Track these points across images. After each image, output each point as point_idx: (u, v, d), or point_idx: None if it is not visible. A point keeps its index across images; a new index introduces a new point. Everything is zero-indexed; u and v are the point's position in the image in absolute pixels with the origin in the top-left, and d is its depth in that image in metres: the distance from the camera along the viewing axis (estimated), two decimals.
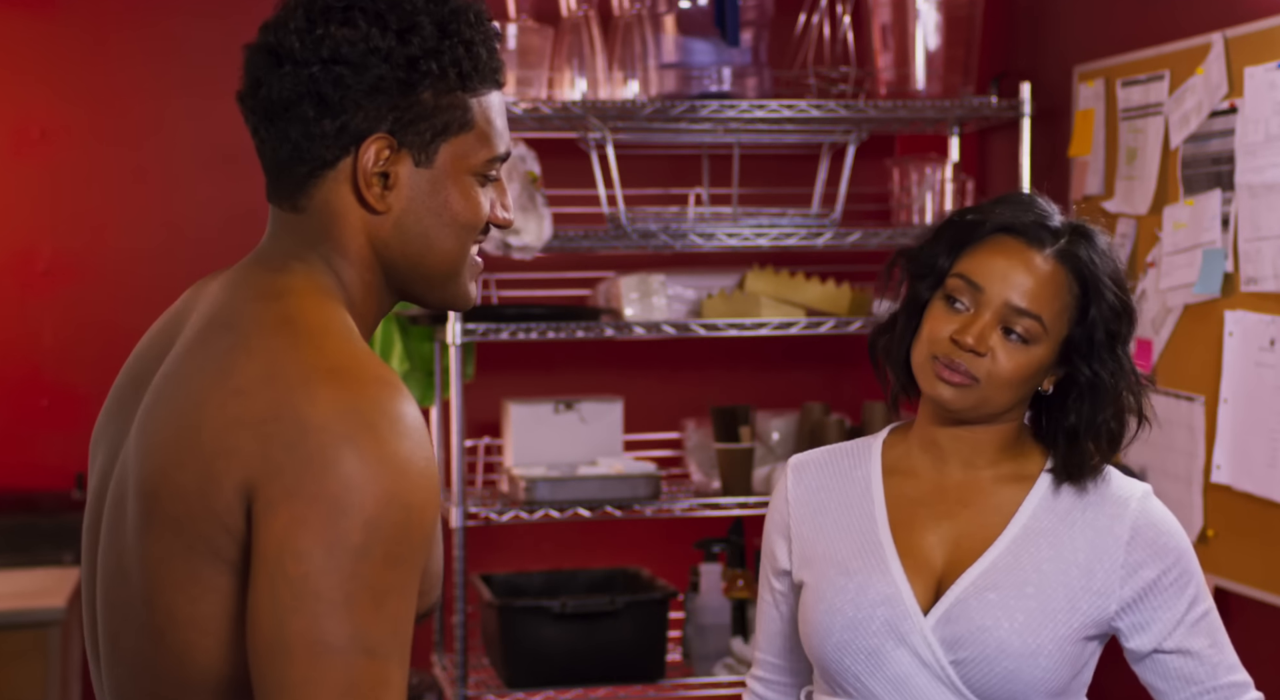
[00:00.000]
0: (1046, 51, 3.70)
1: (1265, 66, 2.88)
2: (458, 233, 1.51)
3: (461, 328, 3.40)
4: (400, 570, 1.33)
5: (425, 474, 1.36)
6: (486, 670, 3.62)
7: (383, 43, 1.44)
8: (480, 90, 1.50)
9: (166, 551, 1.40)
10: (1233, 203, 2.97)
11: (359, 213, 1.48)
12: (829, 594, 1.95)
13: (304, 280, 1.47)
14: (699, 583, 3.64)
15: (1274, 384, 2.85)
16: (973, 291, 1.91)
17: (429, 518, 1.37)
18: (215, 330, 1.46)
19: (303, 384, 1.36)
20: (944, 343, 1.91)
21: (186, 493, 1.38)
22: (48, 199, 3.84)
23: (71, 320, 3.83)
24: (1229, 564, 3.01)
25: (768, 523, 2.08)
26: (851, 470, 2.03)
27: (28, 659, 3.41)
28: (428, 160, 1.48)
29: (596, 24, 3.63)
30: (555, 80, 3.63)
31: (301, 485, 1.32)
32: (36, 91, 3.83)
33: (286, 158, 1.48)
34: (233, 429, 1.37)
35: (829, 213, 3.68)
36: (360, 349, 1.42)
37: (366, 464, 1.33)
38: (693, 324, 3.54)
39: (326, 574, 1.30)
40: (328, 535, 1.31)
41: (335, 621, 1.30)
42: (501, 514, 3.45)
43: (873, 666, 1.91)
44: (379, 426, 1.34)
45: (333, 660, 1.30)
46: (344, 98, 1.45)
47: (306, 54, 1.45)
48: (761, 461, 3.73)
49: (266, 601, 1.31)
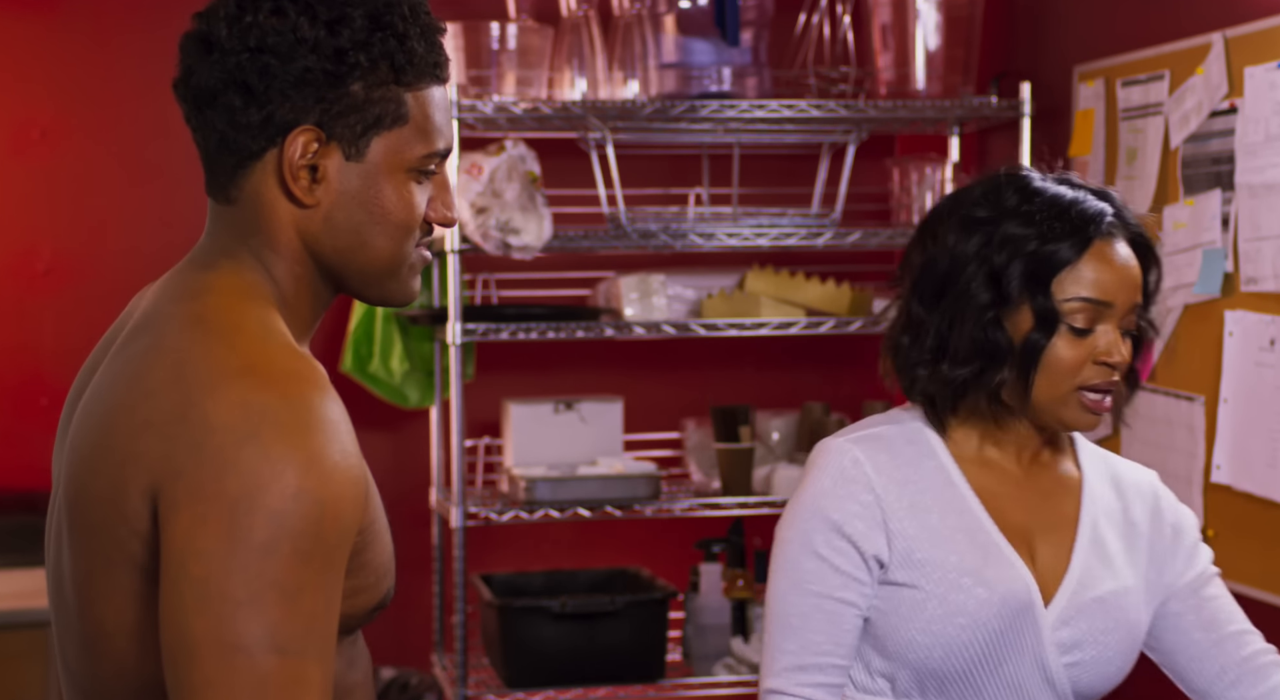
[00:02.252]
0: (1046, 51, 3.71)
1: (1265, 66, 2.88)
2: (390, 231, 1.48)
3: (461, 328, 3.40)
4: (314, 566, 1.30)
5: (339, 468, 1.33)
6: (486, 670, 3.62)
7: (310, 33, 1.42)
8: (417, 84, 1.47)
9: (89, 562, 1.39)
10: (1233, 203, 2.97)
11: (287, 206, 1.46)
12: (970, 608, 1.83)
13: (227, 278, 1.45)
14: (699, 583, 3.64)
15: (1274, 384, 2.85)
16: (1098, 309, 1.83)
17: (345, 511, 1.33)
18: (136, 333, 1.45)
19: (209, 383, 1.34)
20: (1092, 369, 1.82)
21: (100, 500, 1.37)
22: (48, 199, 3.84)
23: (71, 320, 3.83)
24: (1229, 564, 3.01)
25: (838, 510, 1.85)
26: (920, 460, 1.89)
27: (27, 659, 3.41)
28: (358, 154, 1.45)
29: (596, 24, 3.63)
30: (555, 80, 3.63)
31: (203, 485, 1.30)
32: (36, 91, 3.83)
33: (215, 148, 1.46)
34: (141, 432, 1.35)
35: (829, 213, 3.68)
36: (275, 345, 1.39)
37: (270, 461, 1.30)
38: (693, 324, 3.54)
39: (230, 573, 1.28)
40: (230, 534, 1.28)
41: (242, 621, 1.27)
42: (501, 514, 3.45)
43: (991, 669, 1.84)
44: (285, 422, 1.32)
45: (240, 660, 1.27)
46: (269, 88, 1.42)
47: (233, 42, 1.43)
48: (761, 461, 3.73)
49: (173, 603, 1.29)
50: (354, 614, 1.43)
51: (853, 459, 1.86)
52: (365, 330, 3.79)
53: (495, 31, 3.53)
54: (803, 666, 1.85)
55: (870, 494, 1.85)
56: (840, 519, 1.85)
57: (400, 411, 3.93)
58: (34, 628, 3.40)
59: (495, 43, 3.52)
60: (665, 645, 3.54)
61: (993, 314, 1.83)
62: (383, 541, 1.46)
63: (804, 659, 1.85)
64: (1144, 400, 3.21)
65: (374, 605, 1.46)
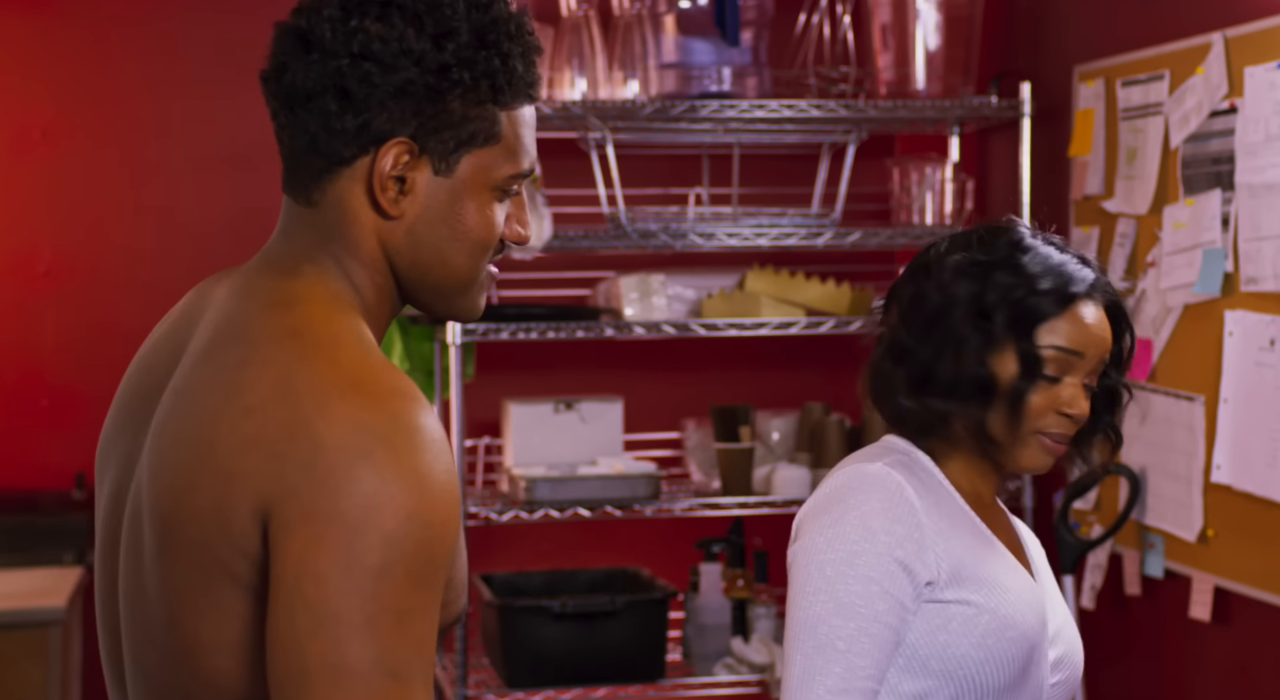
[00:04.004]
0: (1046, 51, 3.70)
1: (1265, 66, 2.88)
2: (470, 248, 1.46)
3: (461, 328, 3.41)
4: (424, 589, 1.30)
5: (446, 488, 1.32)
6: (486, 670, 3.62)
7: (416, 44, 1.39)
8: (513, 104, 1.45)
9: (185, 576, 1.37)
10: (1233, 203, 2.96)
11: (371, 215, 1.44)
12: (1017, 620, 1.90)
13: (315, 286, 1.43)
14: (699, 583, 3.64)
15: (1274, 384, 2.85)
16: (1069, 359, 1.93)
17: (451, 532, 1.32)
18: (224, 342, 1.41)
19: (316, 401, 1.32)
20: (1053, 418, 1.93)
21: (202, 516, 1.34)
22: (48, 199, 3.84)
23: (71, 320, 3.83)
24: (1229, 564, 3.01)
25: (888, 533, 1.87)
26: (936, 486, 1.96)
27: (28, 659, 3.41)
28: (448, 170, 1.43)
29: (596, 24, 3.63)
30: (555, 80, 3.63)
31: (317, 506, 1.28)
32: (36, 91, 3.83)
33: (303, 149, 1.43)
34: (246, 449, 1.32)
35: (829, 213, 3.68)
36: (375, 360, 1.38)
37: (384, 481, 1.28)
38: (693, 324, 3.54)
39: (346, 596, 1.26)
40: (345, 556, 1.27)
41: (357, 644, 1.26)
42: (501, 514, 3.45)
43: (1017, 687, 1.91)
44: (396, 442, 1.30)
45: (354, 684, 1.26)
46: (369, 96, 1.40)
47: (336, 45, 1.40)
48: (761, 461, 3.73)
49: (285, 626, 1.27)
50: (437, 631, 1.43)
51: (897, 484, 1.90)
52: None
53: None
54: (845, 690, 1.84)
55: (915, 517, 1.88)
56: (891, 542, 1.87)
57: None
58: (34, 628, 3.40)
59: None
60: (665, 645, 3.54)
61: (980, 355, 1.93)
62: (463, 556, 1.45)
63: (849, 683, 1.84)
64: (1144, 400, 3.21)
65: (452, 620, 1.45)
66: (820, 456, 3.59)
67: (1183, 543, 3.11)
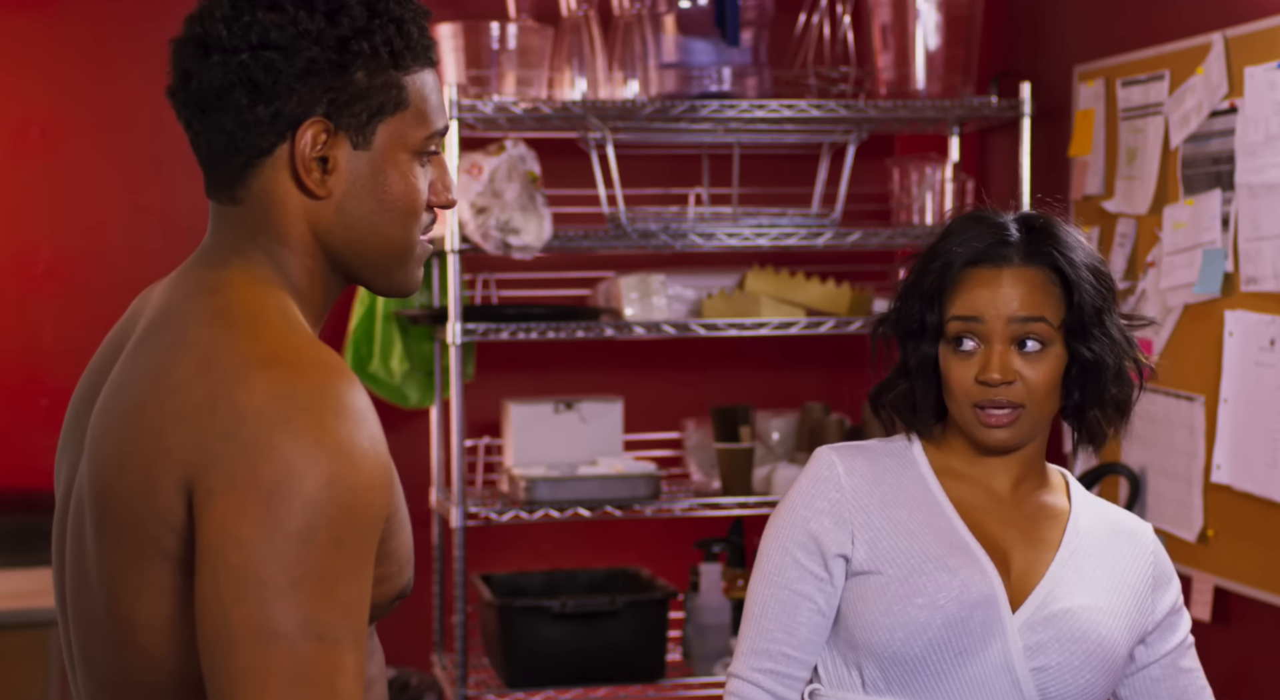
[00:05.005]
0: (1046, 51, 3.71)
1: (1265, 66, 2.88)
2: (400, 217, 1.49)
3: (461, 328, 3.41)
4: (349, 553, 1.32)
5: (369, 455, 1.34)
6: (486, 670, 3.62)
7: (311, 25, 1.43)
8: (413, 68, 1.49)
9: (120, 556, 1.40)
10: (1233, 203, 2.97)
11: (299, 199, 1.47)
12: (929, 589, 1.90)
13: (241, 273, 1.46)
14: (699, 583, 3.64)
15: (1274, 384, 2.85)
16: (973, 325, 1.92)
17: (376, 499, 1.34)
18: (154, 331, 1.45)
19: (238, 373, 1.35)
20: (975, 388, 1.92)
21: (131, 495, 1.38)
22: (48, 199, 3.84)
23: (71, 320, 3.83)
24: (1229, 564, 3.01)
25: (807, 507, 1.96)
26: (901, 470, 1.99)
27: (28, 659, 3.41)
28: (365, 142, 1.47)
29: (596, 24, 3.63)
30: (555, 80, 3.63)
31: (238, 473, 1.31)
32: (36, 91, 3.83)
33: (222, 148, 1.47)
34: (171, 425, 1.36)
35: (829, 213, 3.68)
36: (300, 335, 1.41)
37: (304, 448, 1.31)
38: (693, 324, 3.54)
39: (269, 560, 1.29)
40: (267, 521, 1.29)
41: (281, 608, 1.28)
42: (501, 514, 3.45)
43: (957, 666, 1.89)
44: (316, 410, 1.33)
45: (279, 647, 1.28)
46: (276, 83, 1.43)
47: (235, 41, 1.44)
48: (761, 461, 3.74)
49: (210, 592, 1.30)
50: (378, 603, 1.44)
51: (827, 461, 1.98)
52: (365, 330, 3.79)
53: (495, 31, 3.53)
54: (755, 652, 1.96)
55: (838, 491, 1.96)
56: (807, 515, 1.96)
57: (400, 411, 3.93)
58: (34, 628, 3.40)
59: (495, 43, 3.53)
60: (665, 645, 3.54)
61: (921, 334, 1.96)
62: (406, 530, 1.47)
63: (757, 645, 1.96)
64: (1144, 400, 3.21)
65: (395, 594, 1.47)
66: None
67: (1183, 543, 3.11)
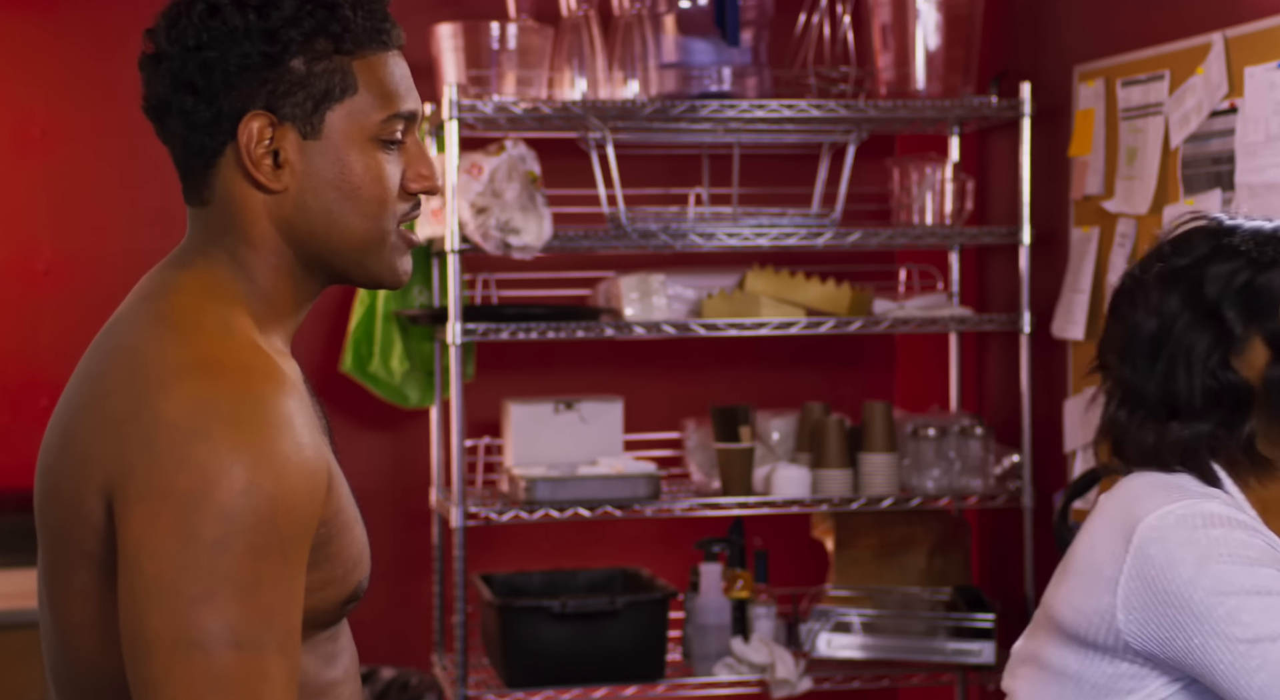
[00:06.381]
0: (1046, 51, 3.70)
1: (1265, 66, 2.88)
2: (363, 206, 1.48)
3: (461, 328, 3.41)
4: (269, 561, 1.31)
5: (292, 461, 1.33)
6: (486, 670, 3.62)
7: (240, 20, 1.44)
8: (360, 52, 1.47)
9: (57, 560, 1.42)
10: (1233, 203, 2.97)
11: (258, 197, 1.47)
12: None
13: (196, 276, 1.47)
14: (699, 583, 3.64)
15: None
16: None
17: (299, 504, 1.34)
18: (106, 331, 1.47)
19: (159, 380, 1.35)
20: None
21: (63, 501, 1.40)
22: (48, 199, 3.84)
23: (71, 320, 3.83)
24: None
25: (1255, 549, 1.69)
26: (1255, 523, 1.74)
27: (27, 659, 3.41)
28: (315, 131, 1.46)
29: (596, 24, 3.63)
30: (555, 80, 3.63)
31: (152, 482, 1.31)
32: (36, 91, 3.83)
33: (182, 154, 1.50)
34: (96, 431, 1.37)
35: (829, 213, 3.68)
36: (233, 341, 1.40)
37: (219, 456, 1.31)
38: (693, 324, 3.54)
39: (181, 570, 1.29)
40: (180, 530, 1.29)
41: (196, 617, 1.28)
42: (501, 514, 3.45)
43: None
44: (235, 417, 1.33)
45: (195, 656, 1.28)
46: (211, 81, 1.45)
47: (173, 48, 1.46)
48: (761, 461, 3.73)
49: (128, 601, 1.31)
50: (325, 608, 1.44)
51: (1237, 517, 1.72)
52: (365, 330, 3.79)
53: (495, 31, 3.53)
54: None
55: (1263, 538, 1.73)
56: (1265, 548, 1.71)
57: (400, 411, 3.93)
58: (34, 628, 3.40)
59: (495, 43, 3.52)
60: (665, 645, 3.54)
61: (1218, 357, 1.73)
62: (352, 533, 1.46)
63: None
64: None
65: (345, 598, 1.46)
66: (820, 456, 3.59)
67: None
